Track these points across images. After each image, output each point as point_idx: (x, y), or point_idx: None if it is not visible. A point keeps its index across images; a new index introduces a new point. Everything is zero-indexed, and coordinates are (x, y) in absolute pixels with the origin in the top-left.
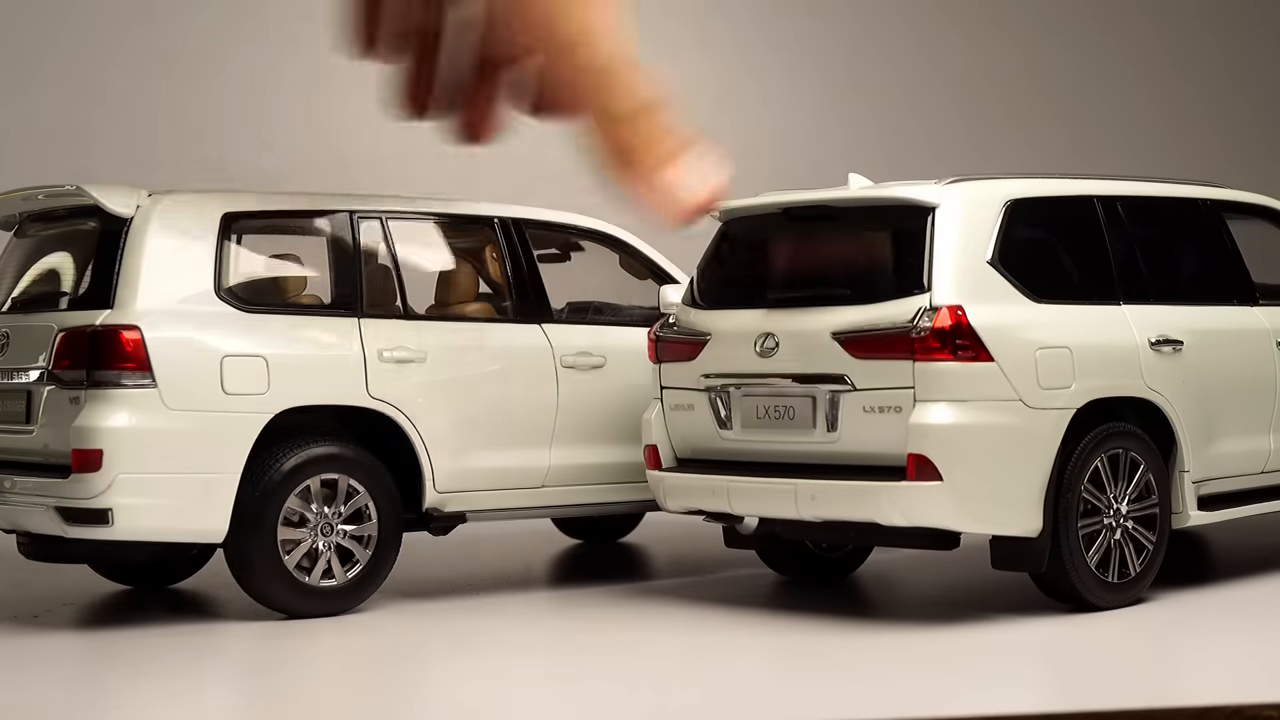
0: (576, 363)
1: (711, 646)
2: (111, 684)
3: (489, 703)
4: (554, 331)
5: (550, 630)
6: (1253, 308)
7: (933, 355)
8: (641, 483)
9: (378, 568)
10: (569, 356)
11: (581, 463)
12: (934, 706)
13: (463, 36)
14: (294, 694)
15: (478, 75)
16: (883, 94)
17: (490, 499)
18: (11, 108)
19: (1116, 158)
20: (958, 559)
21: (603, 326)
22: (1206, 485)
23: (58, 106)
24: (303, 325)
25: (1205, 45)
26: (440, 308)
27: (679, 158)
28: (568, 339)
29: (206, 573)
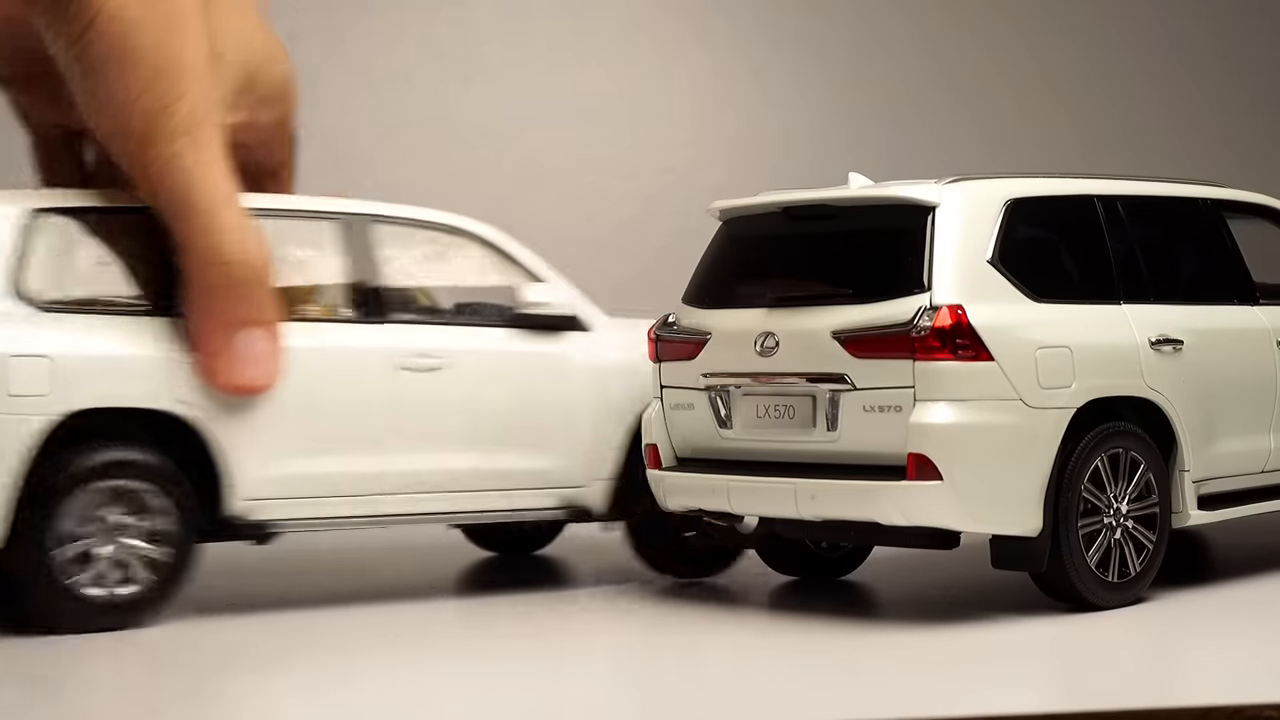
0: (413, 364)
1: (712, 646)
2: None
3: (473, 703)
4: (393, 332)
5: (546, 630)
6: (1253, 307)
7: (933, 355)
8: (501, 490)
9: (173, 577)
10: (407, 358)
11: (423, 469)
12: (934, 706)
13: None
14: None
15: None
16: (884, 92)
17: (308, 507)
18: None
19: (1120, 155)
20: (958, 559)
21: (449, 327)
22: (1206, 485)
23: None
24: (99, 326)
25: (1209, 42)
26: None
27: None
28: (406, 340)
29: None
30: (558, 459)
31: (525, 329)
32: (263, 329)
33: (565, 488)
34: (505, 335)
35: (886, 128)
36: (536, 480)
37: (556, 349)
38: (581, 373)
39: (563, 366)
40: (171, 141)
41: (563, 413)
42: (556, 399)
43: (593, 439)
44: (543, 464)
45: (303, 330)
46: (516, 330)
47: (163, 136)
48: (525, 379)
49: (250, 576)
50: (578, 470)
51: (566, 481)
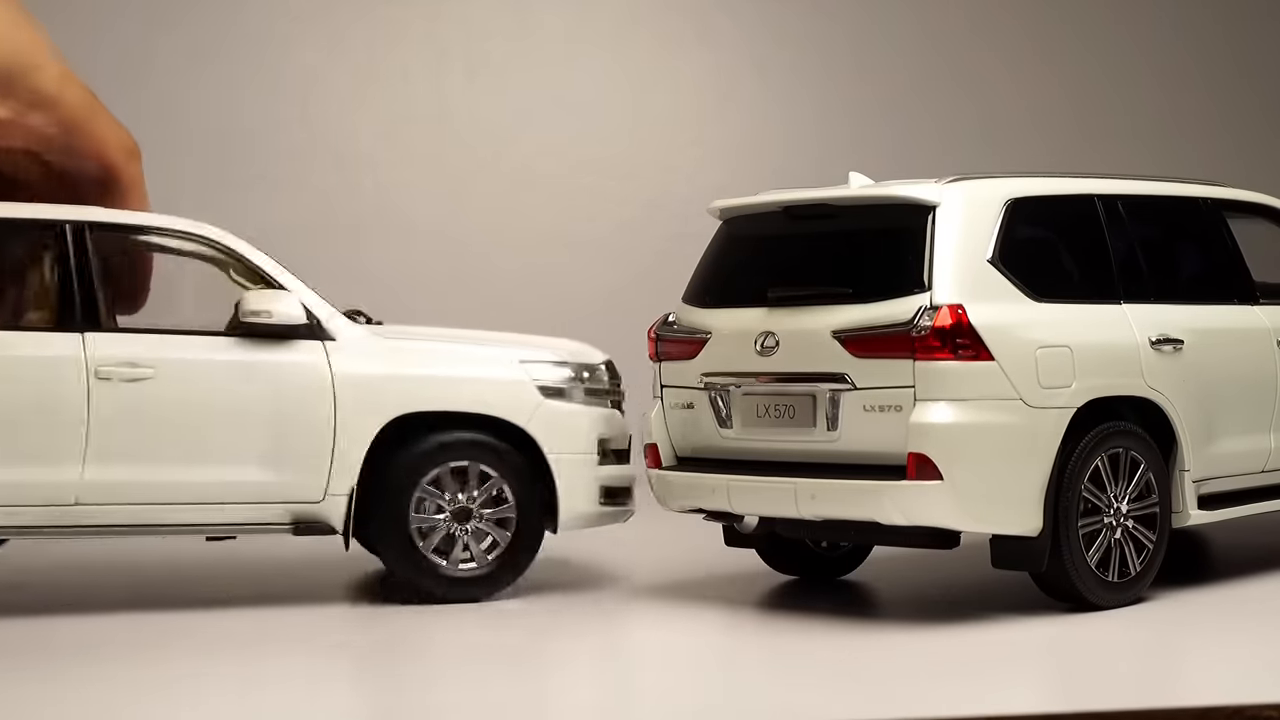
0: (116, 374)
1: (711, 646)
2: None
3: (501, 704)
4: (96, 341)
5: (546, 631)
6: (1253, 307)
7: (933, 354)
8: (219, 503)
9: None
10: (107, 367)
11: (127, 480)
12: (934, 707)
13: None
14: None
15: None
16: (886, 91)
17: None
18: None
19: (1123, 153)
20: (958, 558)
21: (164, 336)
22: (1207, 484)
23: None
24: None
25: (1213, 41)
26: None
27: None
28: (110, 349)
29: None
30: (285, 472)
31: (251, 338)
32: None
33: (296, 502)
34: (227, 344)
35: (888, 127)
36: (261, 494)
37: (287, 359)
38: (314, 384)
39: (292, 377)
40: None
41: (291, 424)
42: (283, 410)
43: (327, 452)
44: (268, 477)
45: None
46: (243, 339)
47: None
48: (246, 389)
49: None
50: (309, 484)
51: (296, 496)
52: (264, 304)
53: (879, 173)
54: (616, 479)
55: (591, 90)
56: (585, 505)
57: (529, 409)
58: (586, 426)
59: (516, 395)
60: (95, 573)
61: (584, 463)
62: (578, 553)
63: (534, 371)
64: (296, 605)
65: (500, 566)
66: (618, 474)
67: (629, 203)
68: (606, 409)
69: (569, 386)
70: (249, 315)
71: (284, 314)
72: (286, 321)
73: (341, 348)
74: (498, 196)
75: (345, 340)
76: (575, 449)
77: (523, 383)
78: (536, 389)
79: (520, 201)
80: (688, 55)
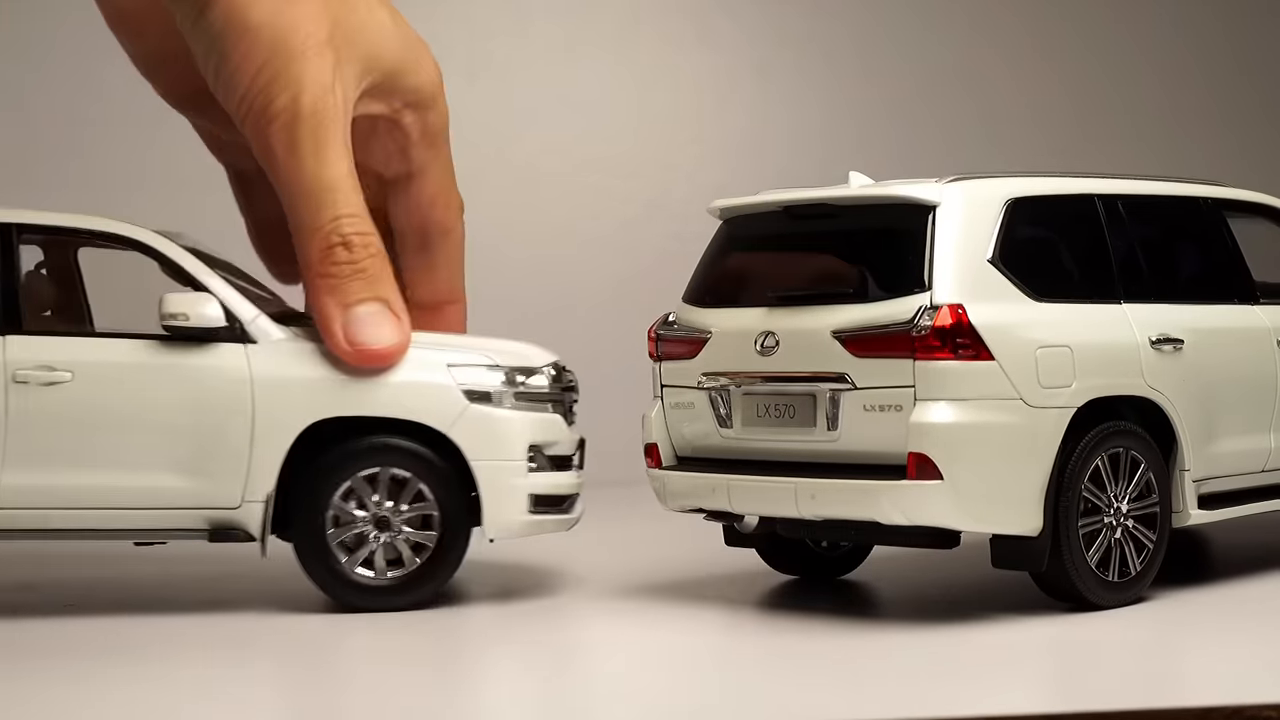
0: (33, 377)
1: (711, 646)
2: None
3: (472, 704)
4: (14, 344)
5: (545, 631)
6: (1253, 306)
7: (933, 354)
8: (135, 509)
9: None
10: (24, 371)
11: (43, 485)
12: (934, 706)
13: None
14: None
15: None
16: (886, 90)
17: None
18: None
19: (1125, 153)
20: (958, 558)
21: (84, 339)
22: (1207, 484)
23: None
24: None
25: (1215, 42)
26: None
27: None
28: (27, 352)
29: None
30: (202, 478)
31: (173, 341)
32: (377, 303)
33: (213, 508)
34: (147, 348)
35: (888, 126)
36: (177, 499)
37: (206, 363)
38: (233, 388)
39: (209, 381)
40: (296, 125)
41: (208, 429)
42: (200, 415)
43: (244, 457)
44: (184, 483)
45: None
46: (165, 343)
47: (286, 116)
48: (163, 393)
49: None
50: (226, 490)
51: (213, 502)
52: (181, 306)
53: (879, 172)
54: (550, 487)
55: (593, 90)
56: (513, 514)
57: (453, 414)
58: (515, 432)
59: (440, 400)
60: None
61: (511, 470)
62: (577, 553)
63: (461, 375)
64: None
65: (420, 575)
66: (551, 482)
67: (630, 202)
68: (545, 414)
69: (498, 391)
70: (166, 318)
71: (201, 316)
72: (204, 324)
73: (262, 351)
74: (499, 196)
75: (267, 343)
76: (501, 455)
77: (447, 387)
78: (462, 393)
79: (521, 201)
80: (688, 55)
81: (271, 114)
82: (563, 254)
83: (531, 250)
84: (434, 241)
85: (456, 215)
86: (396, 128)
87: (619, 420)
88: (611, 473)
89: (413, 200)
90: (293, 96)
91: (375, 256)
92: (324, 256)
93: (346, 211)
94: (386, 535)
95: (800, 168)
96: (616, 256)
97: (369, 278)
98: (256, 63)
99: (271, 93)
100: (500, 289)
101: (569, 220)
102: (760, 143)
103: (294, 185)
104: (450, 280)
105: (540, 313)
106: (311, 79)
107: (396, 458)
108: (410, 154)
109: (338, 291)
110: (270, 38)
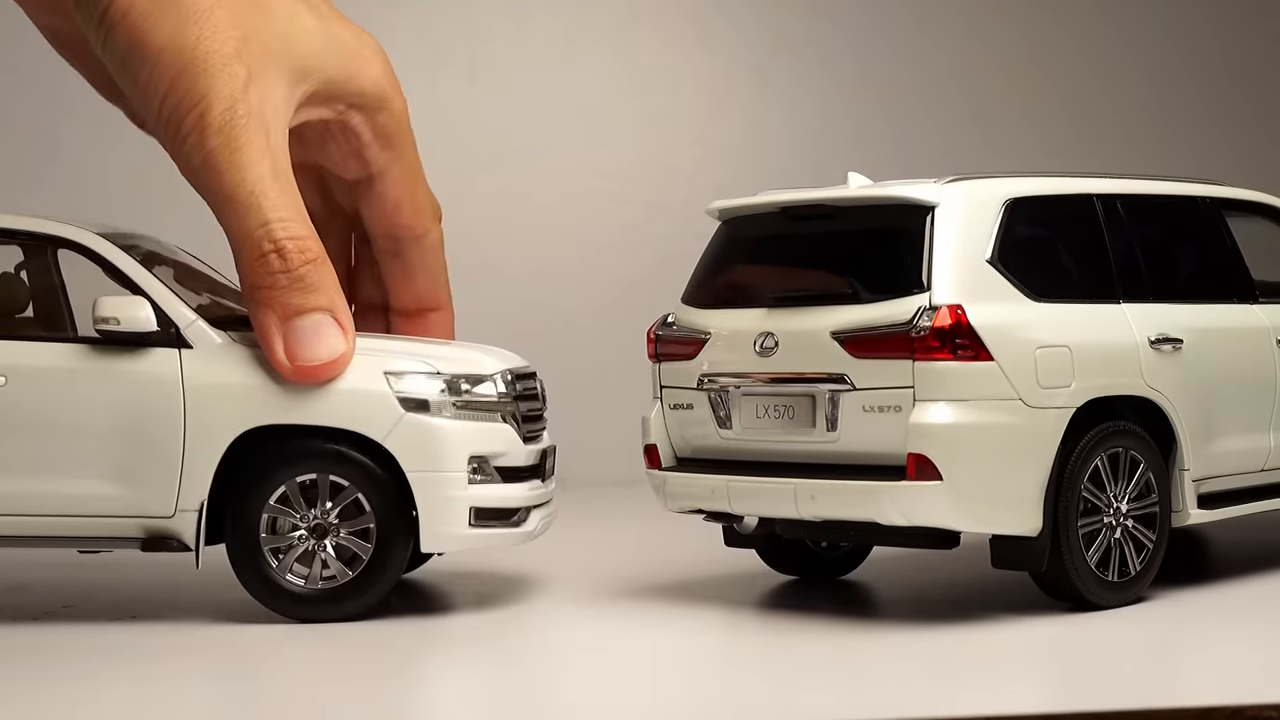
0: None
1: (711, 646)
2: None
3: (479, 701)
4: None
5: (545, 631)
6: (1253, 306)
7: (932, 354)
8: (65, 516)
9: None
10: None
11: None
12: (934, 706)
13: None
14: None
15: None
16: (884, 92)
17: None
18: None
19: (1121, 154)
20: (958, 558)
21: (20, 343)
22: (1206, 483)
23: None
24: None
25: (1206, 40)
26: None
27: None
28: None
29: None
30: (135, 486)
31: (108, 346)
32: (319, 314)
33: (147, 517)
34: (82, 352)
35: (886, 127)
36: (111, 508)
37: (139, 368)
38: (164, 394)
39: (143, 387)
40: (205, 139)
41: (141, 436)
42: (133, 421)
43: (176, 465)
44: (118, 490)
45: None
46: (99, 347)
47: (196, 135)
48: (96, 399)
49: None
50: (159, 499)
51: (147, 510)
52: (113, 310)
53: (876, 174)
54: (495, 500)
55: (592, 92)
56: (452, 526)
57: (388, 423)
58: (454, 442)
59: (375, 408)
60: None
61: (449, 481)
62: (577, 554)
63: (398, 383)
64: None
65: (355, 585)
66: (495, 494)
67: (629, 204)
68: (491, 424)
69: (437, 400)
70: (99, 321)
71: (133, 320)
72: (135, 328)
73: (198, 356)
74: (498, 198)
75: (204, 348)
76: (439, 466)
77: (383, 395)
78: (398, 401)
79: (520, 203)
80: (687, 57)
81: (183, 134)
82: (562, 255)
83: (531, 252)
84: (406, 247)
85: (429, 220)
86: (347, 129)
87: (619, 421)
88: (611, 473)
89: (377, 204)
90: (200, 113)
91: (313, 262)
92: (257, 266)
93: (275, 215)
94: (320, 543)
95: (798, 169)
96: (616, 258)
97: (306, 286)
98: (164, 85)
99: (180, 113)
100: (499, 291)
101: (568, 222)
102: (758, 144)
103: (216, 196)
104: (431, 287)
105: (540, 314)
106: (217, 93)
107: (333, 464)
108: (365, 156)
109: (275, 304)
110: (173, 59)
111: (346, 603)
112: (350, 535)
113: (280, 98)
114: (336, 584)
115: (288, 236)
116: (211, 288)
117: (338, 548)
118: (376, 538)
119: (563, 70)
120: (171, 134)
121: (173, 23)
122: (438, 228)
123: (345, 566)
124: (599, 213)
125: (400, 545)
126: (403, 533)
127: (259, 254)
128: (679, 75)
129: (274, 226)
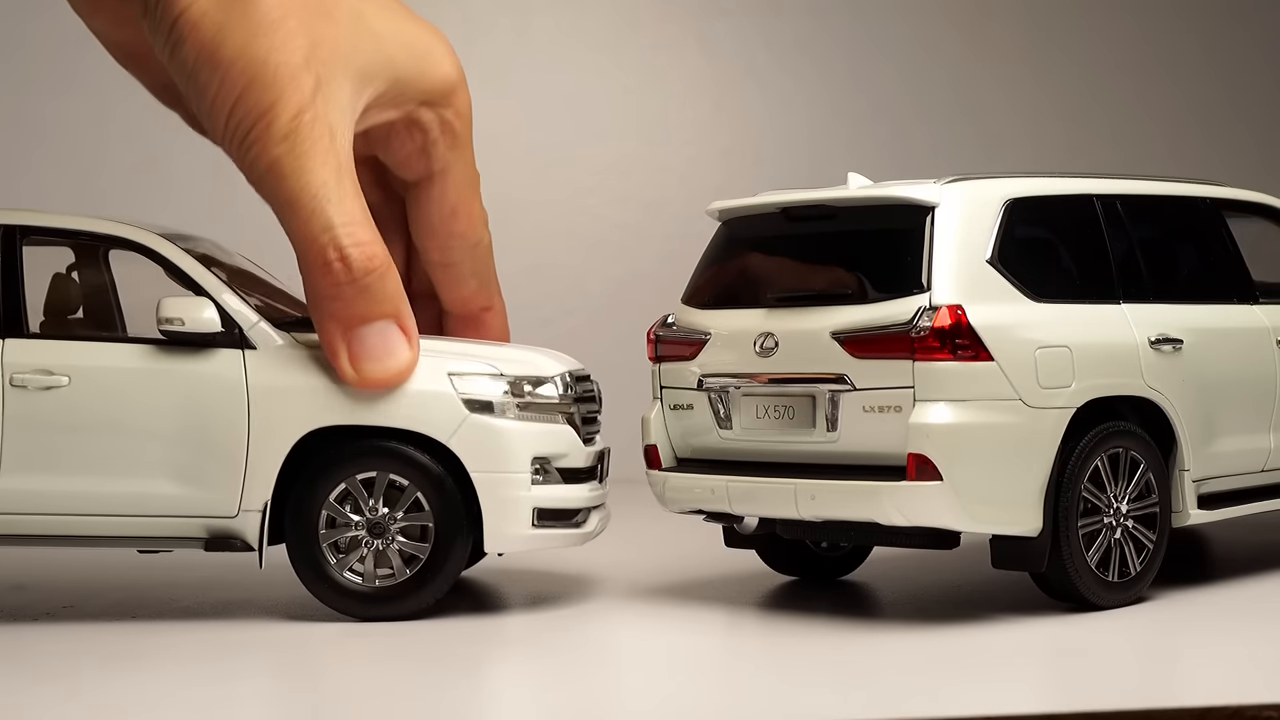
0: (30, 381)
1: (711, 646)
2: None
3: (470, 705)
4: (14, 347)
5: (545, 631)
6: (1253, 306)
7: (932, 355)
8: (130, 516)
9: None
10: (22, 375)
11: (40, 490)
12: (933, 706)
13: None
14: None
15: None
16: (882, 92)
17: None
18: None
19: (1116, 155)
20: (958, 559)
21: (84, 343)
22: (1206, 484)
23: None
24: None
25: (1206, 40)
26: None
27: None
28: (26, 356)
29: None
30: (199, 486)
31: (172, 346)
32: (383, 322)
33: (210, 517)
34: (145, 352)
35: (884, 128)
36: (174, 507)
37: (203, 369)
38: (228, 395)
39: (206, 387)
40: (270, 146)
41: (205, 437)
42: (197, 422)
43: (240, 466)
44: (181, 490)
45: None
46: (163, 348)
47: (261, 143)
48: (160, 399)
49: None
50: (223, 499)
51: (210, 510)
52: (177, 311)
53: (875, 174)
54: (557, 500)
55: (591, 92)
56: (515, 527)
57: (452, 424)
58: (518, 443)
59: (439, 409)
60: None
61: (512, 482)
62: (577, 555)
63: (462, 384)
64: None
65: (414, 584)
66: (558, 495)
67: (628, 205)
68: (553, 425)
69: (501, 401)
70: (163, 322)
71: (197, 321)
72: (200, 329)
73: (261, 357)
74: (497, 199)
75: (267, 349)
76: (502, 467)
77: (447, 396)
78: (462, 402)
79: (519, 203)
80: (687, 58)
81: (249, 142)
82: (562, 256)
83: (530, 253)
84: (459, 255)
85: (482, 227)
86: (415, 126)
87: (619, 422)
88: (611, 474)
89: (435, 209)
90: (266, 124)
91: (377, 270)
92: (321, 276)
93: (339, 220)
94: (380, 541)
95: (797, 170)
96: (615, 258)
97: (371, 296)
98: (231, 97)
99: (247, 123)
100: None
101: (568, 223)
102: (758, 145)
103: (279, 201)
104: (483, 288)
105: (540, 315)
106: (285, 103)
107: (394, 463)
108: (431, 153)
109: (339, 315)
110: (243, 70)
111: (401, 602)
112: (410, 535)
113: (346, 102)
114: (392, 582)
115: (352, 243)
116: (267, 290)
117: (397, 548)
118: (435, 537)
119: (562, 71)
120: (238, 143)
121: (244, 34)
122: (489, 234)
123: (401, 566)
124: (598, 214)
125: (459, 545)
126: (463, 532)
127: (323, 262)
128: (679, 76)
129: (338, 232)
